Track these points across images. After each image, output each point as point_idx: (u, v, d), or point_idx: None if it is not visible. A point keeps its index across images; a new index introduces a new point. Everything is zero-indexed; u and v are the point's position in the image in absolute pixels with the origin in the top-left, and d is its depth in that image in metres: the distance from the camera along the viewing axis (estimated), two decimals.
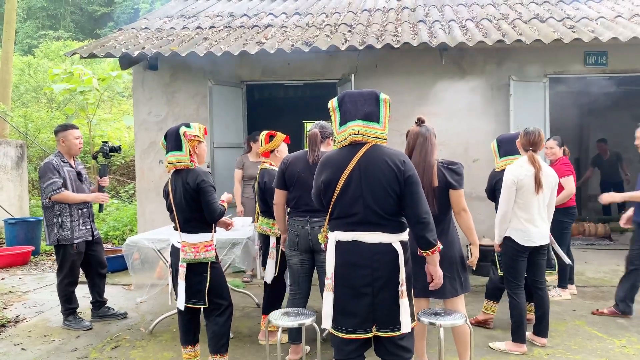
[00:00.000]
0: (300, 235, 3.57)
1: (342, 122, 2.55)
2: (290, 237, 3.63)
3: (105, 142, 4.75)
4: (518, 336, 3.80)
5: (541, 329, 3.91)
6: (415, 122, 3.24)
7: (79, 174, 4.54)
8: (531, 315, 4.20)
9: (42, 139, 12.54)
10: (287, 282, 4.05)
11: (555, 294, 5.16)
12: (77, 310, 4.65)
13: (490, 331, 4.28)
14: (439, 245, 2.56)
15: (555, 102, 6.75)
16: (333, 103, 2.60)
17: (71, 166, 4.50)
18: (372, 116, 2.52)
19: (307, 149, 3.60)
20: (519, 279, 3.80)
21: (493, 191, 4.20)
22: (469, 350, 3.17)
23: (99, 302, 4.81)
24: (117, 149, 4.74)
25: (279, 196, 3.62)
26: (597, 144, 9.16)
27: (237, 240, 4.16)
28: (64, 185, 4.34)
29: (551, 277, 4.51)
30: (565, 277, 5.28)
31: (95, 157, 4.75)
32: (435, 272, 2.67)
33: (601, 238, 7.88)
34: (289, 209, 3.68)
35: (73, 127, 4.57)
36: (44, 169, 4.33)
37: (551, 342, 4.00)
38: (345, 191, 2.49)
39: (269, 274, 3.87)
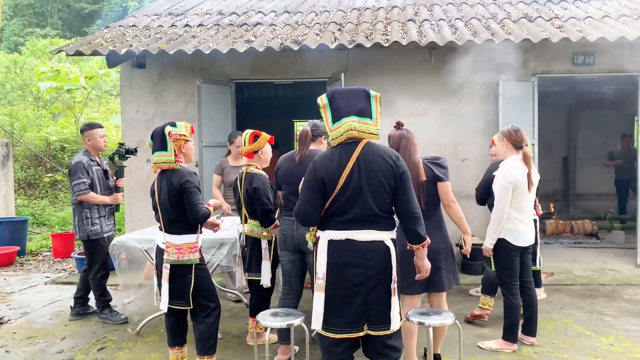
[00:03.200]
0: (287, 235, 3.57)
1: (336, 118, 2.53)
2: (279, 236, 3.64)
3: (121, 144, 4.78)
4: (510, 336, 3.80)
5: (530, 328, 3.92)
6: (395, 126, 3.34)
7: (105, 172, 4.69)
8: None
9: (28, 138, 12.36)
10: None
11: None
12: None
13: (479, 330, 4.29)
14: (428, 240, 2.61)
15: (543, 101, 6.77)
16: (323, 100, 2.57)
17: (98, 164, 4.66)
18: (365, 112, 2.52)
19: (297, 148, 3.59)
20: (515, 279, 3.78)
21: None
22: (444, 337, 3.46)
23: (83, 299, 4.81)
24: (133, 151, 4.78)
25: (280, 197, 3.72)
26: (621, 139, 9.08)
27: (225, 240, 4.11)
28: (92, 186, 4.50)
29: None
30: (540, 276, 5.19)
31: (112, 159, 4.76)
32: (423, 266, 2.71)
33: (589, 236, 7.95)
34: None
35: (99, 126, 4.73)
36: (75, 168, 4.46)
37: (539, 341, 4.01)
38: (345, 189, 2.47)
39: (266, 276, 3.78)
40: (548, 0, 7.34)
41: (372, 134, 2.53)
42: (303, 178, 2.63)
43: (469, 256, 3.98)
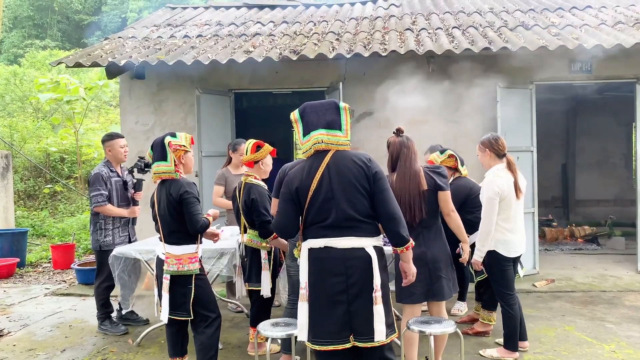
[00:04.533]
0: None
1: (306, 132, 2.59)
2: (291, 247, 3.58)
3: (141, 158, 4.72)
4: (511, 344, 3.78)
5: (521, 333, 3.89)
6: (394, 133, 3.34)
7: (124, 182, 4.68)
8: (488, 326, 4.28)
9: (27, 149, 12.39)
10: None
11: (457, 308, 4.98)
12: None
13: (480, 338, 4.27)
14: (412, 242, 2.59)
15: (541, 108, 6.80)
16: (295, 115, 2.64)
17: (118, 175, 4.66)
18: (334, 124, 2.55)
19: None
20: (511, 289, 3.77)
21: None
22: (444, 345, 3.43)
23: (119, 308, 4.86)
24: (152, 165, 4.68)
25: (276, 206, 3.47)
26: None
27: (225, 250, 4.11)
28: (110, 198, 4.52)
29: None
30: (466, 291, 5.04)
31: (131, 172, 4.74)
32: (410, 269, 2.69)
33: (589, 243, 7.95)
34: None
35: (119, 136, 4.72)
36: (94, 179, 4.49)
37: (541, 348, 4.00)
38: (316, 196, 2.50)
39: (266, 287, 3.76)
40: (544, 8, 7.39)
41: (342, 144, 2.56)
42: (280, 192, 2.66)
43: (465, 264, 3.97)
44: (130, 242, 4.72)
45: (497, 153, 3.75)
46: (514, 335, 3.76)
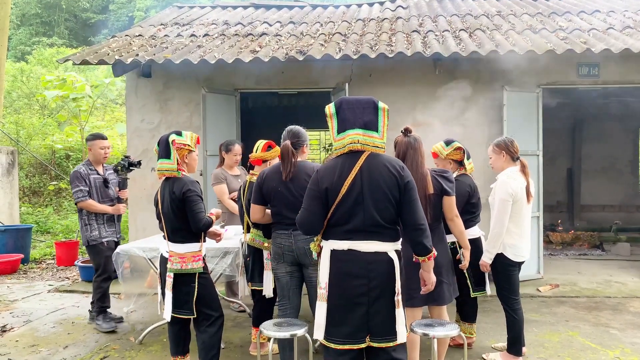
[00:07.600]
0: (284, 247, 3.41)
1: (341, 129, 2.53)
2: (275, 249, 3.46)
3: (126, 157, 4.84)
4: (515, 350, 3.75)
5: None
6: (402, 132, 3.27)
7: (105, 180, 4.74)
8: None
9: (33, 146, 12.44)
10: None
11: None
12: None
13: (484, 342, 4.25)
14: (434, 252, 2.59)
15: (547, 112, 6.77)
16: (330, 109, 2.57)
17: (98, 173, 4.74)
18: (372, 125, 2.51)
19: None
20: (516, 293, 3.73)
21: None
22: (446, 349, 3.41)
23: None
24: (136, 164, 4.80)
25: (257, 211, 3.44)
26: None
27: (228, 249, 4.10)
28: (90, 194, 4.62)
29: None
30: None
31: (116, 170, 4.82)
32: (429, 279, 2.69)
33: (594, 248, 7.91)
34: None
35: (101, 137, 4.83)
36: (72, 177, 4.63)
37: (544, 353, 3.98)
38: (347, 198, 2.47)
39: (268, 287, 3.73)
40: (552, 12, 7.36)
41: (377, 147, 2.52)
42: (307, 188, 2.62)
43: (464, 271, 3.92)
44: (118, 239, 4.81)
45: (512, 156, 3.73)
46: (518, 341, 3.73)
